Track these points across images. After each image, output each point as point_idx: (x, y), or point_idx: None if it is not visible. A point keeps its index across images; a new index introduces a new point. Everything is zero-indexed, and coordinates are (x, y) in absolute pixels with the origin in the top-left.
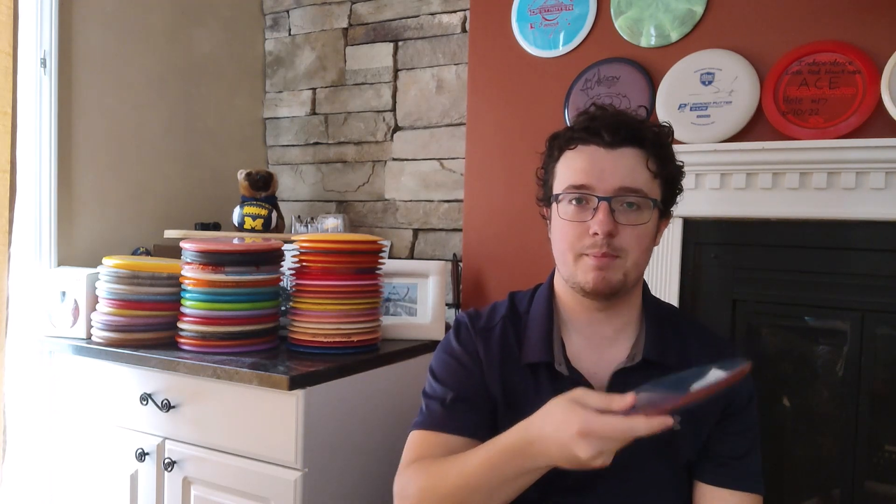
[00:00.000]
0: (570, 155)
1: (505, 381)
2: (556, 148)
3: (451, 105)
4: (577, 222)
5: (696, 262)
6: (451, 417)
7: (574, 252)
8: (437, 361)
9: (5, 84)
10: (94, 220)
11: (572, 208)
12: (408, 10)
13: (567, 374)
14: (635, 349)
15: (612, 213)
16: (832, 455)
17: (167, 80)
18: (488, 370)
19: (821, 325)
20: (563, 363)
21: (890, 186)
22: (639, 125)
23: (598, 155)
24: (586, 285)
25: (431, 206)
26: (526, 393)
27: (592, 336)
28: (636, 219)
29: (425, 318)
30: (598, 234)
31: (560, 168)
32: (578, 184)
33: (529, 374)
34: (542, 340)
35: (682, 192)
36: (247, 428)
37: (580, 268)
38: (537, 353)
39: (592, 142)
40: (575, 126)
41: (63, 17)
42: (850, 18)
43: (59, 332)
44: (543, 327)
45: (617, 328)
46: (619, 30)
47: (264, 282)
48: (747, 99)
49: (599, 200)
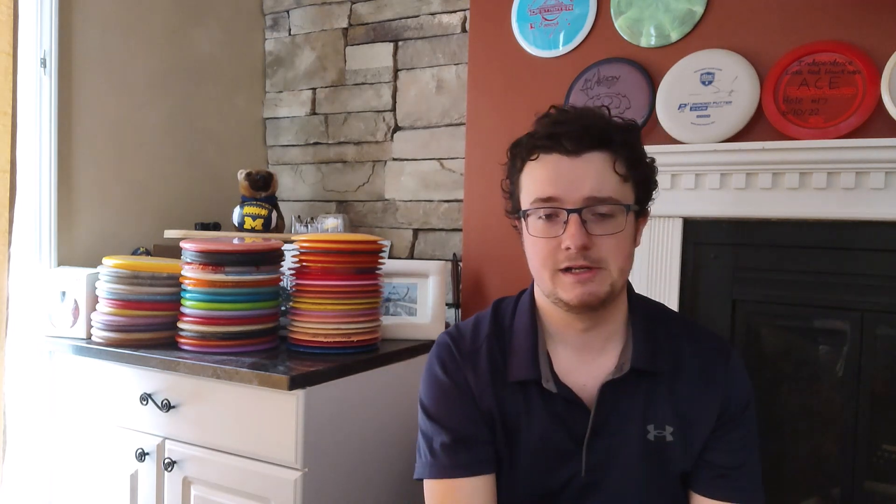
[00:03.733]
0: (534, 165)
1: (498, 401)
2: (518, 158)
3: (451, 105)
4: (548, 238)
5: (695, 262)
6: (457, 462)
7: (549, 269)
8: (428, 396)
9: (5, 84)
10: (94, 220)
11: (542, 224)
12: (408, 10)
13: (556, 391)
14: (623, 358)
15: (585, 223)
16: (832, 455)
17: (167, 80)
18: (480, 396)
19: (820, 325)
20: (551, 380)
21: (890, 186)
22: (603, 127)
23: (562, 164)
24: (571, 301)
25: (431, 206)
26: (518, 414)
27: (581, 348)
28: (611, 227)
29: (425, 317)
30: (571, 248)
31: (525, 180)
32: (545, 196)
33: (519, 391)
34: (527, 357)
35: (657, 187)
36: (247, 428)
37: (559, 285)
38: (524, 371)
39: (555, 150)
40: (536, 134)
41: (63, 17)
42: (850, 18)
43: (59, 332)
44: (528, 342)
45: (604, 338)
46: (619, 30)
47: (264, 282)
48: (747, 99)
49: (569, 213)
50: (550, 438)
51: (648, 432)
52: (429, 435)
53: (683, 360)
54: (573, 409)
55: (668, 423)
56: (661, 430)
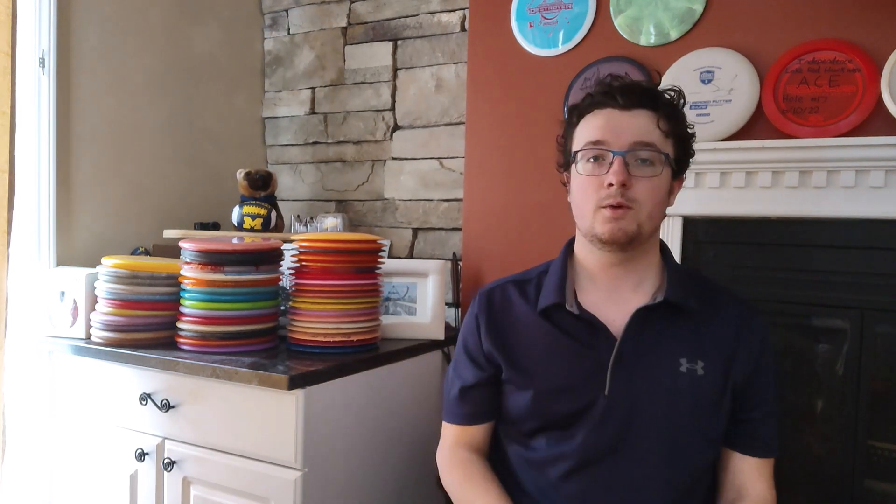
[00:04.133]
0: (589, 118)
1: (506, 338)
2: (574, 115)
3: (451, 104)
4: (594, 176)
5: (695, 261)
6: (463, 410)
7: (592, 204)
8: (460, 336)
9: (4, 84)
10: (93, 220)
11: (590, 165)
12: (407, 9)
13: (578, 313)
14: (658, 293)
15: (627, 166)
16: (831, 453)
17: (166, 79)
18: (487, 334)
19: (820, 324)
20: (575, 305)
21: (890, 185)
22: (652, 89)
23: (612, 115)
24: (603, 235)
25: (431, 205)
26: (545, 343)
27: (612, 290)
28: (650, 172)
29: (425, 317)
30: (613, 184)
31: (579, 131)
32: (595, 139)
33: (546, 321)
34: (554, 287)
35: (693, 155)
36: (246, 428)
37: (597, 219)
38: (548, 298)
39: (608, 105)
40: (594, 92)
41: (62, 17)
42: (850, 16)
43: (59, 332)
44: (557, 277)
45: (636, 281)
46: (618, 28)
47: (263, 281)
48: (747, 97)
49: (614, 155)
50: (575, 361)
51: (681, 365)
52: (450, 374)
53: (720, 304)
54: (598, 335)
55: (700, 358)
56: (693, 363)
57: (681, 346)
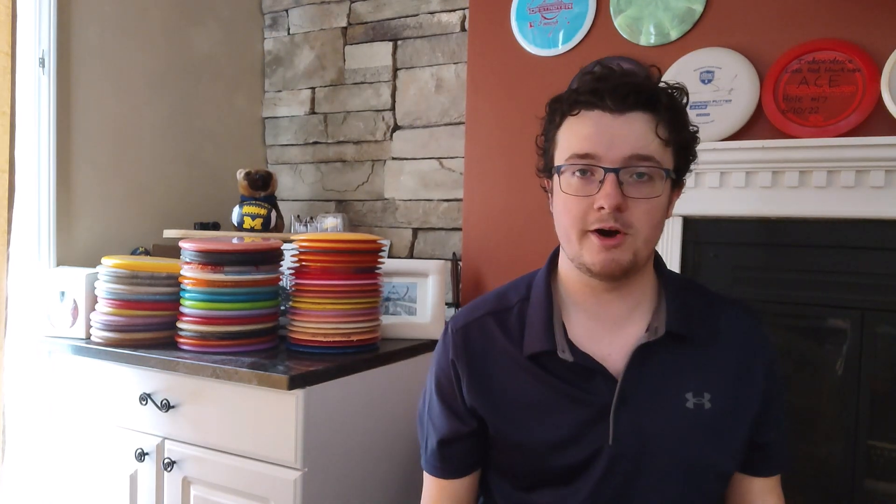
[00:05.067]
0: (573, 121)
1: (512, 382)
2: (557, 113)
3: (451, 104)
4: (581, 196)
5: (695, 261)
6: (444, 464)
7: (578, 229)
8: (429, 383)
9: (4, 84)
10: (93, 220)
11: (576, 181)
12: (407, 9)
13: (572, 359)
14: (656, 322)
15: (621, 185)
16: (832, 453)
17: (166, 79)
18: (469, 386)
19: (821, 324)
20: (567, 349)
21: (890, 185)
22: (650, 88)
23: (603, 122)
24: (593, 267)
25: (431, 205)
26: (536, 391)
27: (604, 317)
28: (648, 192)
29: (425, 317)
30: (605, 208)
31: (562, 136)
32: (583, 153)
33: (536, 366)
34: (542, 329)
35: (695, 158)
36: (246, 428)
37: (586, 247)
38: (536, 344)
39: (598, 107)
40: (579, 89)
41: (62, 17)
42: (850, 16)
43: (59, 332)
44: (543, 313)
45: (631, 306)
46: (618, 28)
47: (263, 281)
48: (747, 97)
49: (606, 172)
50: (572, 409)
51: (687, 400)
52: (424, 422)
53: (721, 323)
54: (595, 379)
55: (706, 390)
56: (699, 397)
57: (684, 379)
